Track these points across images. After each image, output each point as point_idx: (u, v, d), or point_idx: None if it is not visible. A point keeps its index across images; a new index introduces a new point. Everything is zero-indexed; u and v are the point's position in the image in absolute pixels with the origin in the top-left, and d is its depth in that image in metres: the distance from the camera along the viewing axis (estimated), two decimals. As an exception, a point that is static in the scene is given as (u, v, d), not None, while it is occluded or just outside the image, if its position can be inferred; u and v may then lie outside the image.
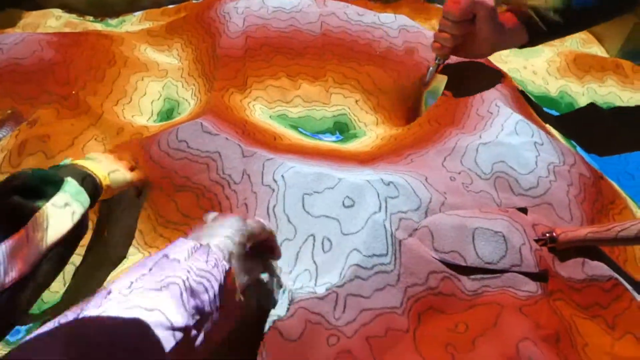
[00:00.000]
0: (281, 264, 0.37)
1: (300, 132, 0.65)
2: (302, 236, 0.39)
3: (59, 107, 0.60)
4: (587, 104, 0.69)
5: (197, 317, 0.25)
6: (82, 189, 0.35)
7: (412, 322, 0.36)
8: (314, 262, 0.38)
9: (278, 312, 0.34)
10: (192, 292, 0.25)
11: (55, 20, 0.91)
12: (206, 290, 0.26)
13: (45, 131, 0.55)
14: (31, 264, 0.30)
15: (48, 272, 0.32)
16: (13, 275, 0.28)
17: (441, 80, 0.62)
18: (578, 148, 0.60)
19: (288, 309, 0.34)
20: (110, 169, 0.42)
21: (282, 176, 0.43)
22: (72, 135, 0.57)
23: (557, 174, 0.46)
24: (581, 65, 0.78)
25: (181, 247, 0.28)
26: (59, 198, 0.33)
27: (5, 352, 0.21)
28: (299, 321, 0.34)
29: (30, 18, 0.90)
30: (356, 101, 0.70)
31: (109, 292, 0.24)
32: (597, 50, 0.86)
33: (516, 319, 0.36)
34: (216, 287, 0.27)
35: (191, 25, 0.79)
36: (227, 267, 0.28)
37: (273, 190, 0.43)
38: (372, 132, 0.66)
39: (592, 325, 0.38)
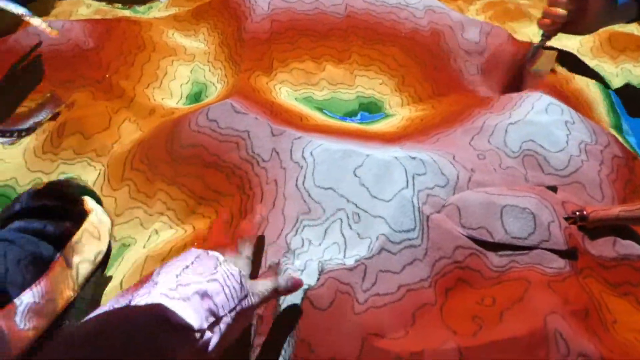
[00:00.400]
0: (311, 237, 0.39)
1: (326, 114, 0.66)
2: (331, 210, 0.40)
3: (94, 91, 0.63)
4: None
5: (212, 319, 0.26)
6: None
7: (440, 296, 0.37)
8: (343, 235, 0.39)
9: (309, 281, 0.35)
10: (206, 294, 0.26)
11: (86, 8, 0.94)
12: (222, 290, 0.27)
13: (83, 113, 0.58)
14: None
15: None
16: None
17: (549, 57, 0.60)
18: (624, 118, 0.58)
19: (318, 279, 0.35)
20: None
21: (311, 153, 0.44)
22: (107, 117, 0.59)
23: (589, 153, 0.46)
24: (616, 45, 0.75)
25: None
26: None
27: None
28: (328, 291, 0.35)
29: (62, 6, 0.93)
30: (381, 83, 0.70)
31: (156, 284, 0.26)
32: (633, 29, 0.83)
33: (544, 294, 0.36)
34: (232, 288, 0.28)
35: (217, 9, 0.80)
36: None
37: (302, 166, 0.43)
38: (397, 113, 0.66)
39: (622, 302, 0.38)
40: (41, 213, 0.34)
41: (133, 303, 0.25)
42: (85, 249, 0.34)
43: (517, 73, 0.61)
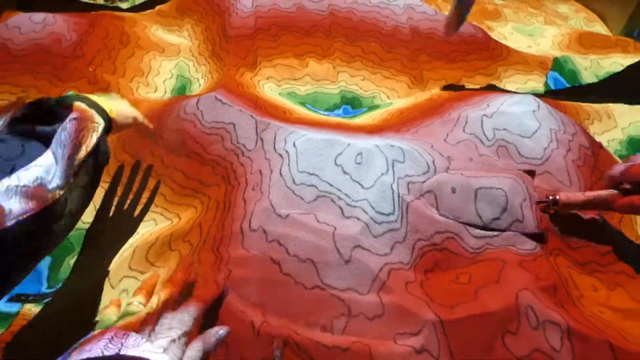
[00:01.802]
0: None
1: (309, 109, 0.67)
2: (315, 196, 0.41)
3: (77, 85, 0.63)
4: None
5: None
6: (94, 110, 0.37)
7: (419, 276, 0.39)
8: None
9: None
10: None
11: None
12: None
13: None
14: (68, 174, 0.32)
15: (78, 199, 0.34)
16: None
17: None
18: None
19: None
20: (115, 104, 0.42)
21: (294, 143, 0.45)
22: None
23: (558, 141, 0.48)
24: (585, 43, 0.79)
25: None
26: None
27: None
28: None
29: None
30: (363, 79, 0.72)
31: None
32: (601, 29, 0.87)
33: (517, 272, 0.38)
34: None
35: (201, 5, 0.81)
36: None
37: (285, 156, 0.45)
38: (378, 107, 0.68)
39: (588, 279, 0.40)
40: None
41: None
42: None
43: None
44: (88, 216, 0.49)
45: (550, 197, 0.43)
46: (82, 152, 0.34)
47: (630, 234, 0.46)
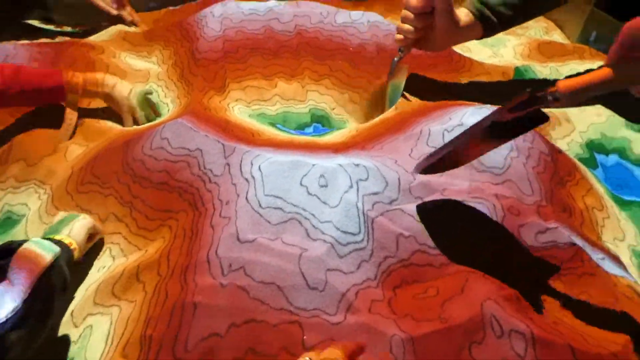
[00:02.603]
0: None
1: (279, 129, 0.68)
2: (282, 219, 0.42)
3: (41, 114, 0.62)
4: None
5: None
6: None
7: (387, 293, 0.39)
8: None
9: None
10: None
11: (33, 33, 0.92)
12: None
13: (28, 138, 0.57)
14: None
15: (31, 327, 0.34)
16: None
17: (404, 70, 0.64)
18: None
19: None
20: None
21: (259, 167, 0.46)
22: (53, 142, 0.59)
23: (518, 149, 0.50)
24: (544, 51, 0.82)
25: None
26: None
27: None
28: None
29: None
30: (332, 96, 0.73)
31: None
32: (558, 37, 0.91)
33: (481, 283, 0.39)
34: None
35: (170, 31, 0.81)
36: None
37: (251, 180, 0.45)
38: (347, 124, 0.69)
39: (550, 284, 0.41)
40: None
41: None
42: None
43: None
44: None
45: (548, 90, 0.35)
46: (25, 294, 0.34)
47: (592, 235, 0.48)
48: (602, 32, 0.83)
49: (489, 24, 0.59)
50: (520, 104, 0.35)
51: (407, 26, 0.57)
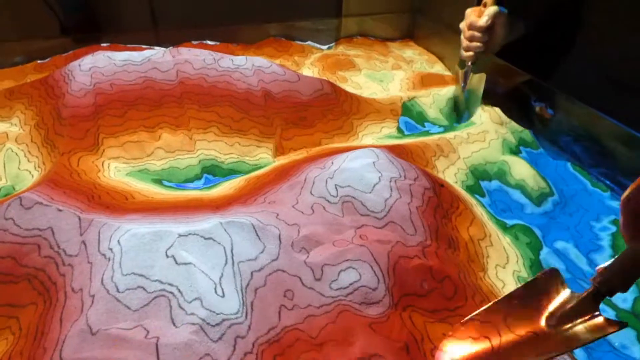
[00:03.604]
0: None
1: (164, 185, 0.63)
2: (143, 301, 0.36)
3: None
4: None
5: None
6: None
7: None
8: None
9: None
10: None
11: None
12: None
13: None
14: None
15: None
16: None
17: (480, 79, 0.73)
18: None
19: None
20: None
21: (118, 241, 0.40)
22: None
23: (400, 189, 0.49)
24: (427, 82, 0.87)
25: None
26: None
27: None
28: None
29: None
30: (223, 143, 0.70)
31: None
32: (440, 68, 0.97)
33: (367, 337, 0.37)
34: None
35: (34, 87, 0.73)
36: None
37: (109, 258, 0.39)
38: (239, 173, 0.66)
39: (441, 327, 0.40)
40: None
41: None
42: None
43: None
44: None
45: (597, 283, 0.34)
46: None
47: (478, 268, 0.48)
48: (478, 64, 0.90)
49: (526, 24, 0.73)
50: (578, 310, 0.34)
51: (476, 43, 0.70)
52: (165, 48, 0.79)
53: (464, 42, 0.73)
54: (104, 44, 0.91)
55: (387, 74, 0.92)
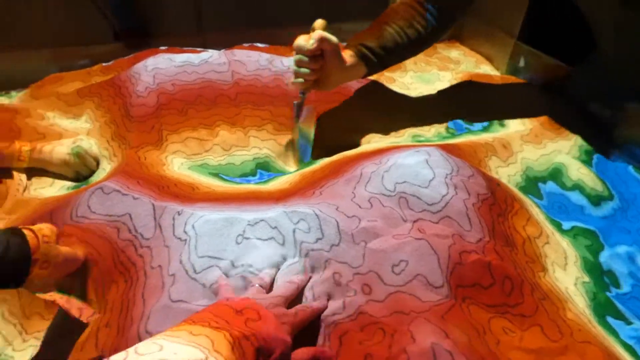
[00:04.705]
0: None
1: (222, 179, 0.66)
2: (216, 280, 0.39)
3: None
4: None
5: None
6: None
7: (334, 346, 0.37)
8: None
9: None
10: None
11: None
12: None
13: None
14: None
15: None
16: None
17: (310, 110, 0.68)
18: None
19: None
20: None
21: (193, 226, 0.43)
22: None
23: (455, 186, 0.50)
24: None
25: None
26: None
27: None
28: None
29: None
30: (275, 141, 0.72)
31: None
32: (488, 68, 0.96)
33: (428, 326, 0.38)
34: None
35: (102, 88, 0.79)
36: None
37: (185, 240, 0.42)
38: (291, 168, 0.68)
39: (502, 322, 0.41)
40: None
41: None
42: None
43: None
44: None
45: None
46: None
47: (537, 267, 0.48)
48: (527, 63, 0.89)
49: (370, 63, 0.66)
50: None
51: (304, 69, 0.62)
52: (218, 50, 0.83)
53: (292, 67, 0.64)
54: (163, 47, 0.97)
55: (434, 74, 0.92)
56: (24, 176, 0.61)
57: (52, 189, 0.62)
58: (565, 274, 0.49)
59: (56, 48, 0.99)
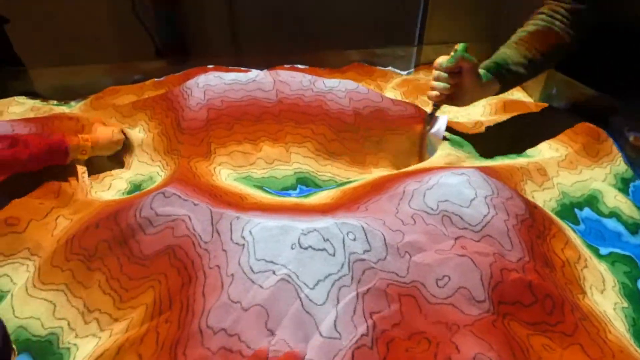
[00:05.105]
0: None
1: (265, 191, 0.69)
2: (271, 282, 0.42)
3: (26, 185, 0.62)
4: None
5: None
6: None
7: (382, 352, 0.39)
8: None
9: None
10: None
11: (18, 107, 0.94)
12: None
13: (16, 212, 0.57)
14: None
15: None
16: None
17: (442, 121, 0.73)
18: None
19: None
20: None
21: (250, 232, 0.46)
22: (42, 214, 0.58)
23: (495, 207, 0.52)
24: (509, 109, 0.88)
25: None
26: None
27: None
28: None
29: (-6, 106, 0.93)
30: (315, 158, 0.76)
31: None
32: (520, 95, 0.98)
33: (471, 338, 0.39)
34: None
35: (156, 102, 0.84)
36: None
37: (243, 245, 0.46)
38: (331, 185, 0.72)
39: (542, 339, 0.42)
40: None
41: None
42: None
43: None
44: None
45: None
46: None
47: (576, 289, 0.49)
48: (560, 90, 0.91)
49: (504, 80, 0.70)
50: None
51: (442, 84, 0.67)
52: (261, 70, 0.88)
53: (431, 82, 0.70)
54: (210, 66, 1.03)
55: (468, 100, 0.95)
56: (87, 178, 0.66)
57: (110, 191, 0.67)
58: (604, 298, 0.50)
59: (111, 64, 1.06)
